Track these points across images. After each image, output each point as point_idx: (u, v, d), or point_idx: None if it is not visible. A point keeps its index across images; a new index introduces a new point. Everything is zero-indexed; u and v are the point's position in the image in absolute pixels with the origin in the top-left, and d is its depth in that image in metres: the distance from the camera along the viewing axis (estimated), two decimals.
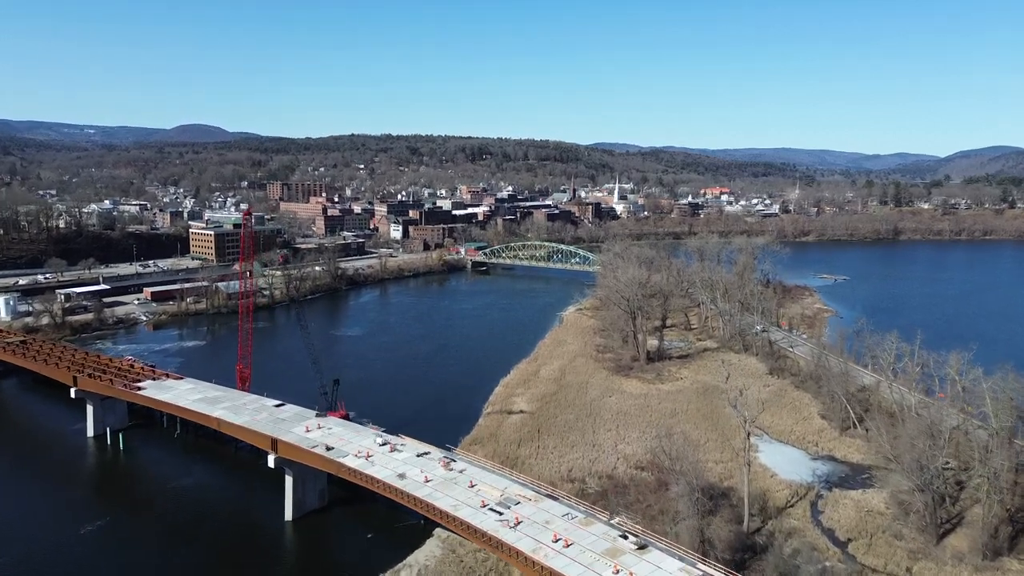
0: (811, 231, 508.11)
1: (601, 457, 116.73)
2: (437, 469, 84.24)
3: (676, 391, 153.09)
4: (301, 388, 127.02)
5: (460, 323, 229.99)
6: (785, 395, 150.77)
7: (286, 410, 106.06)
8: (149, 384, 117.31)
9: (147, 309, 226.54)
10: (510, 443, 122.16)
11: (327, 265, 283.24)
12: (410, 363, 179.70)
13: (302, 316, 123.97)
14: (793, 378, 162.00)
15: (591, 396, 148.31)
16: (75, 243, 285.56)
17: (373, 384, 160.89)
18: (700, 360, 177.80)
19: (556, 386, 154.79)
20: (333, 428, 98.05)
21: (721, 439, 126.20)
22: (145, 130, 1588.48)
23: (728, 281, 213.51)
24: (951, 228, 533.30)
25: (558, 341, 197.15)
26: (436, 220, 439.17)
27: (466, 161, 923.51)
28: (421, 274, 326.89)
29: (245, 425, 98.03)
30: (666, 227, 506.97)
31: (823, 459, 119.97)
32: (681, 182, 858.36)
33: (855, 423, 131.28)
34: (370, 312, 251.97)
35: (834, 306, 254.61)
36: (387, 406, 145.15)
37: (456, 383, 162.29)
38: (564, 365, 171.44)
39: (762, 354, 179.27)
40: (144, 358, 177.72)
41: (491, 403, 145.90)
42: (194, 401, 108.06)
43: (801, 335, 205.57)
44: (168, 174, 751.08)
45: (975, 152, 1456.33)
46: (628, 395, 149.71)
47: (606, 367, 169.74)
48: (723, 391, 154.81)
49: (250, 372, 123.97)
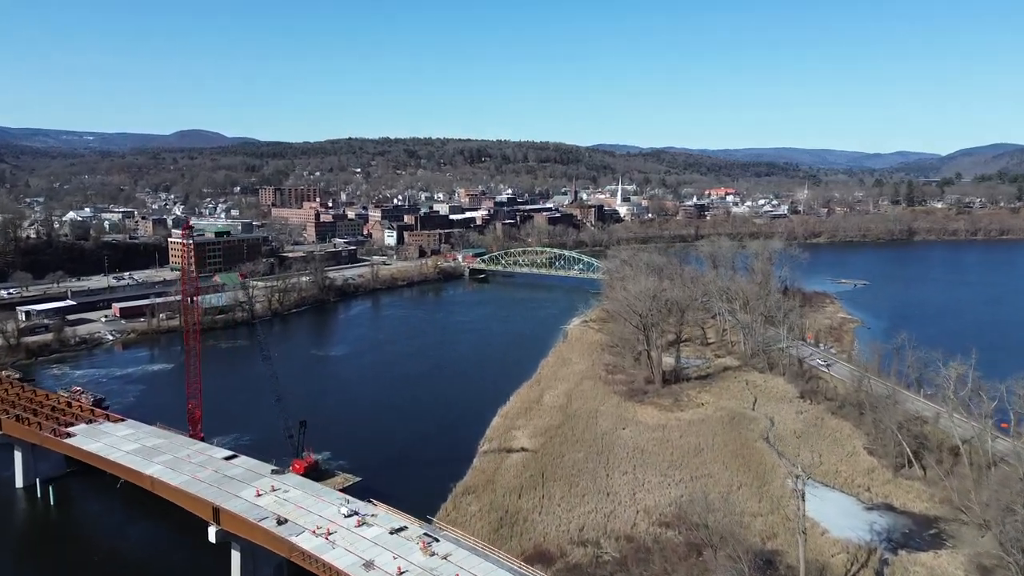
0: (822, 232, 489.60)
1: (617, 510, 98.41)
2: (414, 553, 65.90)
3: (698, 420, 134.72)
4: (270, 423, 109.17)
5: (455, 339, 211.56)
6: (822, 425, 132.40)
7: (237, 464, 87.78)
8: (81, 429, 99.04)
9: (115, 327, 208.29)
10: (509, 492, 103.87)
11: (314, 275, 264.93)
12: (397, 388, 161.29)
13: (264, 345, 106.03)
14: (828, 403, 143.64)
15: (602, 428, 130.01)
16: (45, 254, 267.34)
17: (354, 414, 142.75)
18: (721, 381, 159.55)
19: (562, 416, 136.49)
20: (291, 491, 79.69)
21: (756, 482, 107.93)
22: (144, 136, 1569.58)
23: (748, 290, 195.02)
24: (966, 228, 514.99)
25: (563, 360, 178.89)
26: (432, 225, 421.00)
27: (465, 164, 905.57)
28: (416, 283, 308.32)
29: (183, 487, 79.75)
30: (671, 230, 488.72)
31: (879, 509, 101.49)
32: (684, 183, 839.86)
33: (909, 460, 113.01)
34: (358, 327, 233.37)
35: (859, 315, 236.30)
36: (368, 443, 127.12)
37: (449, 412, 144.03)
38: (570, 389, 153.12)
39: (790, 374, 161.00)
40: (101, 386, 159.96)
41: (488, 438, 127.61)
42: (127, 453, 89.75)
43: (829, 349, 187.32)
44: (160, 180, 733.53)
45: (977, 150, 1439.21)
46: (644, 426, 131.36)
47: (617, 391, 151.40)
48: (751, 419, 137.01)
49: (201, 413, 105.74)
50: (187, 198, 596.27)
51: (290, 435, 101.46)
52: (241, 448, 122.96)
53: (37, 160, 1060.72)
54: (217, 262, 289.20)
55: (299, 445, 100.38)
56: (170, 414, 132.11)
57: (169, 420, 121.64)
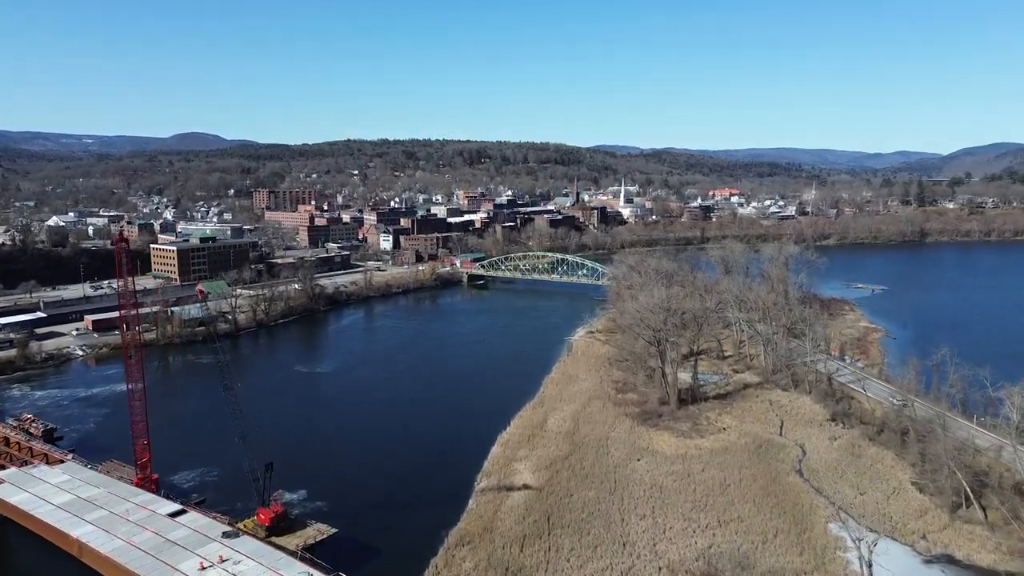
0: (832, 234, 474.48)
1: (636, 566, 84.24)
2: None
3: (721, 449, 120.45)
4: (238, 458, 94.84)
5: (452, 352, 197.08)
6: (861, 454, 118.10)
7: (184, 524, 73.58)
8: (10, 475, 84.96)
9: (86, 341, 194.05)
10: (510, 543, 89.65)
11: (303, 283, 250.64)
12: (387, 412, 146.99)
13: (227, 370, 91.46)
14: (864, 427, 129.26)
15: (614, 459, 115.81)
16: (19, 262, 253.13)
17: (337, 443, 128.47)
18: (742, 401, 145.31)
19: (568, 444, 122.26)
20: (242, 562, 65.56)
21: (794, 527, 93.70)
22: (143, 139, 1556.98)
23: (767, 299, 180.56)
24: (979, 228, 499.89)
25: (567, 376, 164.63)
26: (430, 229, 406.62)
27: (464, 165, 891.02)
28: (411, 290, 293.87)
29: (112, 556, 65.68)
30: (677, 232, 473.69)
31: (940, 561, 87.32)
32: (687, 184, 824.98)
33: (967, 498, 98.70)
34: (348, 339, 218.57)
35: (882, 324, 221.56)
36: (351, 479, 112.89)
37: (443, 439, 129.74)
38: (577, 412, 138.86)
39: (817, 392, 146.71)
40: (61, 409, 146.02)
41: (486, 472, 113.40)
42: (56, 508, 75.50)
43: (855, 363, 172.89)
44: (154, 183, 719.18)
45: (979, 149, 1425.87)
46: (661, 457, 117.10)
47: (629, 413, 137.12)
48: (780, 448, 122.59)
49: (149, 455, 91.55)
50: (179, 201, 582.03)
51: (256, 478, 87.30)
52: (207, 485, 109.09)
53: (33, 163, 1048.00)
54: (202, 269, 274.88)
55: (264, 491, 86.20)
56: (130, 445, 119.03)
57: (126, 452, 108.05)
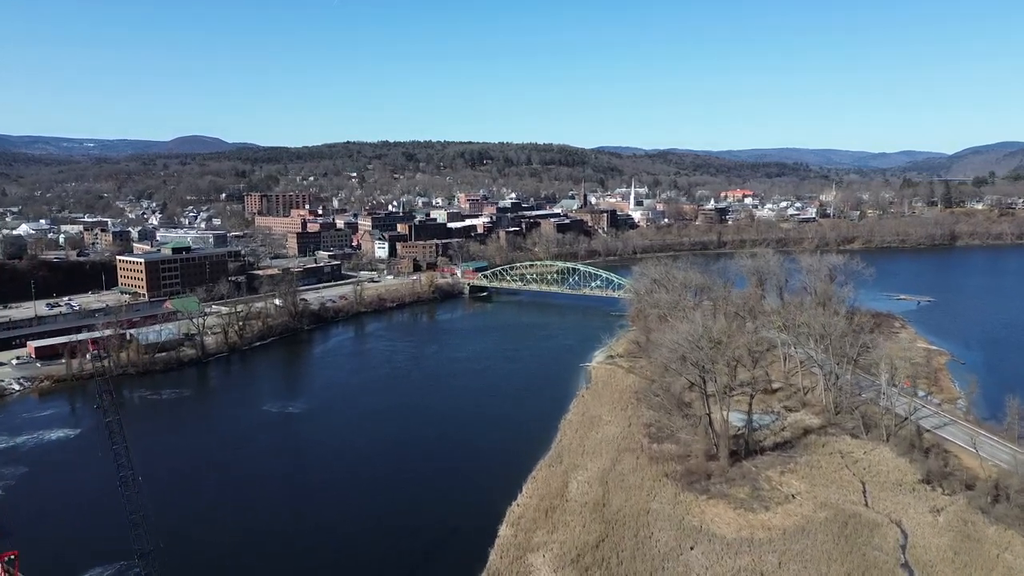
0: (856, 238, 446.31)
1: None
2: None
3: (796, 529, 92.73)
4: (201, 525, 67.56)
5: (449, 385, 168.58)
6: (980, 538, 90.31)
7: None
8: None
9: (26, 372, 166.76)
10: None
11: (285, 298, 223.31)
12: (363, 472, 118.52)
13: (113, 420, 62.92)
14: (971, 494, 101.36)
15: (660, 547, 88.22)
16: None
17: (296, 522, 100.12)
18: (806, 453, 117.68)
19: (599, 523, 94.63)
20: None
21: None
22: (143, 143, 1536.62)
23: (823, 321, 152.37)
24: (1012, 231, 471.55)
25: (588, 418, 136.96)
26: (428, 235, 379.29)
27: (466, 167, 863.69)
28: (407, 304, 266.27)
29: None
30: (692, 236, 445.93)
31: None
32: (696, 184, 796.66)
33: None
34: (330, 367, 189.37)
35: (942, 344, 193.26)
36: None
37: (435, 515, 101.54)
38: (605, 471, 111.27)
39: (897, 441, 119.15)
40: None
41: (490, 570, 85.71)
42: None
43: (930, 398, 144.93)
44: (144, 187, 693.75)
45: (985, 148, 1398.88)
46: (720, 543, 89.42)
47: (670, 473, 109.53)
48: (871, 527, 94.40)
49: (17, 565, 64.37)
50: (165, 206, 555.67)
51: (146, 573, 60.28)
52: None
53: (29, 167, 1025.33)
54: (174, 284, 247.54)
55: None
56: (44, 524, 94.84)
57: (37, 536, 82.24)
